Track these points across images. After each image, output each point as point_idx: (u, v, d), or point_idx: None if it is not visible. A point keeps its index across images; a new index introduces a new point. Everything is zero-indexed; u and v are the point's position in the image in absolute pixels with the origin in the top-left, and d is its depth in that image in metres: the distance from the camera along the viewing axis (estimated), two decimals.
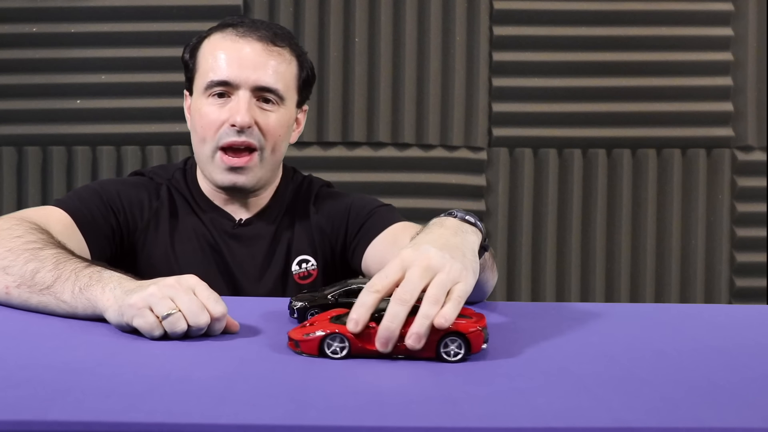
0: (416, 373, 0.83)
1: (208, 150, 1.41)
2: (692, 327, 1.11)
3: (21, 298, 1.07)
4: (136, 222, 1.43)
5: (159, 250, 1.42)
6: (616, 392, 0.78)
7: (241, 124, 1.37)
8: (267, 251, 1.46)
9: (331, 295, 1.05)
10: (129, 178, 1.52)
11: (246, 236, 1.46)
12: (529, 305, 1.45)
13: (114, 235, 1.40)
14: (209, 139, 1.40)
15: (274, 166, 1.47)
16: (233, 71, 1.38)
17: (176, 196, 1.47)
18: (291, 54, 1.45)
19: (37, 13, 2.39)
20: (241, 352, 0.90)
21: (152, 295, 0.93)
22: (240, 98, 1.38)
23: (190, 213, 1.46)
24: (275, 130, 1.41)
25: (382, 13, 2.43)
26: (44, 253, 1.09)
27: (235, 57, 1.39)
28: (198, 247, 1.44)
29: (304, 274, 1.45)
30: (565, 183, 2.48)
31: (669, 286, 2.50)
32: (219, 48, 1.41)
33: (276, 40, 1.42)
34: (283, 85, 1.42)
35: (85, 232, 1.34)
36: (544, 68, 2.45)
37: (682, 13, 2.46)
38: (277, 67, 1.41)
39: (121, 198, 1.42)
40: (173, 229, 1.44)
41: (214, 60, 1.40)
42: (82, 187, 1.46)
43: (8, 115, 2.40)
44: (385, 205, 1.51)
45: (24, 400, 0.70)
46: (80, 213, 1.35)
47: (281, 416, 0.68)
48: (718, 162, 2.49)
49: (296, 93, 1.46)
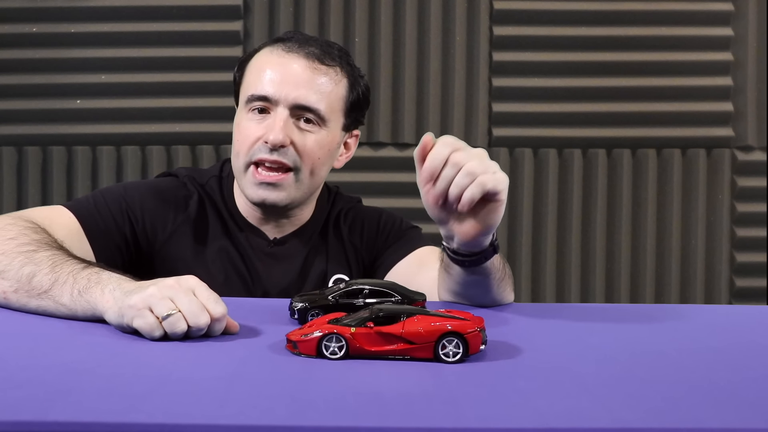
0: (415, 373, 0.83)
1: (241, 164, 1.36)
2: (692, 327, 1.11)
3: (19, 303, 1.06)
4: (157, 233, 1.37)
5: (181, 264, 1.36)
6: (616, 392, 0.78)
7: (273, 142, 1.32)
8: (301, 270, 1.42)
9: (332, 296, 1.05)
10: (160, 181, 1.46)
11: (281, 255, 1.41)
12: (528, 306, 1.45)
13: (128, 246, 1.35)
14: (243, 154, 1.35)
15: (312, 189, 1.41)
16: (273, 87, 1.33)
17: (208, 208, 1.42)
18: (341, 73, 1.38)
19: (37, 13, 2.39)
20: (241, 353, 0.90)
21: (152, 296, 0.93)
22: (277, 115, 1.33)
23: (219, 229, 1.40)
24: (312, 151, 1.35)
25: (382, 13, 2.43)
26: (39, 256, 1.07)
27: (278, 73, 1.34)
28: (221, 267, 1.38)
29: None
30: (565, 183, 2.48)
31: (669, 286, 2.49)
32: (265, 63, 1.36)
33: (325, 58, 1.36)
34: (327, 105, 1.35)
35: (92, 240, 1.29)
36: (544, 68, 2.45)
37: (682, 13, 2.46)
38: (321, 86, 1.35)
39: (143, 207, 1.37)
40: (198, 244, 1.39)
41: (258, 74, 1.36)
42: (105, 188, 1.41)
43: (8, 115, 2.40)
44: (414, 227, 1.50)
45: (24, 400, 0.70)
46: (90, 219, 1.31)
47: (281, 417, 0.68)
48: (718, 162, 2.49)
49: (342, 115, 1.40)
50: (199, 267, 1.36)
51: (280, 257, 1.42)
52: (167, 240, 1.38)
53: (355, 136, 1.48)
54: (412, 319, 0.87)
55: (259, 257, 1.41)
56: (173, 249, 1.38)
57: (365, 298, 1.04)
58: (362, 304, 1.02)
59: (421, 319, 0.88)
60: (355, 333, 0.87)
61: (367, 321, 0.87)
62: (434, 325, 0.87)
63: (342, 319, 0.90)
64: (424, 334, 0.87)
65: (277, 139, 1.32)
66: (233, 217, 1.42)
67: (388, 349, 0.87)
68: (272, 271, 1.41)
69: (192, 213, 1.40)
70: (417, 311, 0.89)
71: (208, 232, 1.40)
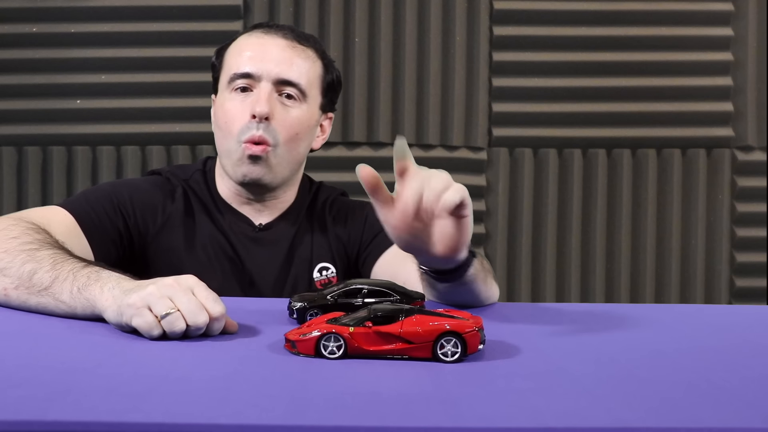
0: (414, 373, 0.83)
1: (230, 144, 1.41)
2: (692, 327, 1.11)
3: (19, 300, 1.07)
4: (148, 226, 1.41)
5: (173, 254, 1.41)
6: (615, 392, 0.78)
7: (260, 113, 1.37)
8: (287, 256, 1.45)
9: (331, 295, 1.05)
10: (145, 179, 1.50)
11: (267, 240, 1.45)
12: (527, 305, 1.45)
13: (122, 240, 1.39)
14: (232, 134, 1.40)
15: (293, 165, 1.45)
16: (256, 64, 1.40)
17: (193, 200, 1.46)
18: (316, 55, 1.46)
19: (37, 13, 2.39)
20: (240, 352, 0.90)
21: (151, 295, 0.93)
22: (261, 90, 1.39)
23: (206, 218, 1.44)
24: (292, 126, 1.41)
25: (382, 13, 2.43)
26: (41, 254, 1.08)
27: (259, 51, 1.41)
28: (212, 254, 1.42)
29: (325, 282, 1.45)
30: (565, 183, 2.48)
31: (669, 286, 2.49)
32: (244, 45, 1.44)
33: (301, 40, 1.44)
34: (306, 81, 1.42)
35: (89, 236, 1.32)
36: (544, 68, 2.45)
37: (682, 13, 2.46)
38: (301, 64, 1.42)
39: (133, 201, 1.41)
40: (187, 234, 1.42)
41: (238, 56, 1.42)
42: (94, 188, 1.45)
43: (8, 115, 2.40)
44: None
45: (24, 400, 0.70)
46: (86, 215, 1.34)
47: (281, 416, 0.68)
48: (718, 162, 2.49)
49: (320, 94, 1.47)
50: (190, 255, 1.41)
51: (266, 242, 1.45)
52: (158, 231, 1.42)
53: (329, 119, 1.53)
54: (410, 319, 0.87)
55: (246, 242, 1.44)
56: (165, 239, 1.41)
57: (364, 298, 1.04)
58: (361, 304, 1.02)
59: (420, 318, 0.88)
60: (353, 332, 0.87)
61: (365, 320, 0.87)
62: (432, 324, 0.87)
63: (340, 319, 0.90)
64: (422, 333, 0.87)
65: (263, 111, 1.37)
66: (217, 205, 1.46)
67: (387, 349, 0.87)
68: (259, 255, 1.44)
69: (179, 204, 1.44)
70: (415, 311, 0.89)
71: (195, 221, 1.44)
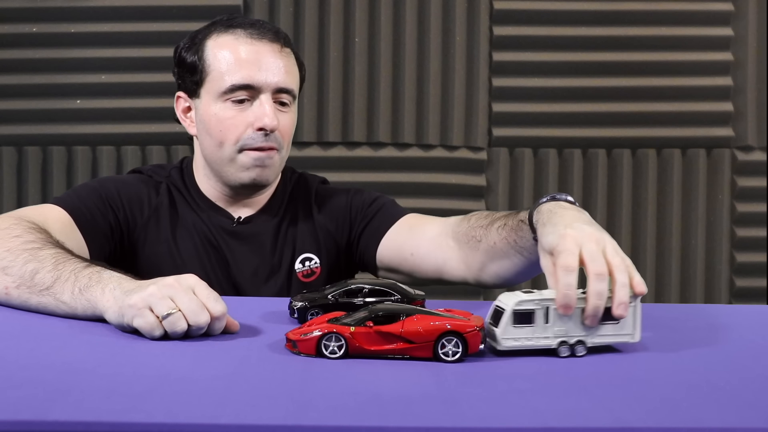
0: (414, 372, 0.83)
1: (227, 152, 1.40)
2: (692, 327, 1.11)
3: (21, 299, 1.07)
4: (136, 218, 1.42)
5: (161, 245, 1.42)
6: (615, 392, 0.78)
7: (272, 127, 1.37)
8: (268, 249, 1.45)
9: (332, 295, 1.05)
10: (128, 176, 1.52)
11: (245, 234, 1.45)
12: None
13: (113, 233, 1.40)
14: (230, 143, 1.39)
15: (283, 166, 1.48)
16: (255, 74, 1.38)
17: (175, 193, 1.47)
18: (292, 54, 1.46)
19: (37, 13, 2.39)
20: (241, 352, 0.90)
21: (152, 295, 0.94)
22: (263, 102, 1.38)
23: (189, 209, 1.46)
24: (290, 130, 1.45)
25: (382, 13, 2.43)
26: (43, 253, 1.09)
27: (254, 60, 1.39)
28: (199, 243, 1.43)
29: (307, 272, 1.45)
30: (565, 183, 2.48)
31: (669, 286, 2.49)
32: (235, 51, 1.40)
33: (283, 42, 1.43)
34: (295, 85, 1.45)
35: (83, 231, 1.33)
36: (544, 68, 2.45)
37: (682, 13, 2.46)
38: (292, 70, 1.43)
39: (120, 195, 1.42)
40: (174, 225, 1.44)
41: (232, 63, 1.39)
42: (81, 186, 1.46)
43: (8, 115, 2.40)
44: (385, 197, 1.53)
45: (24, 400, 0.70)
46: (79, 211, 1.35)
47: (281, 416, 0.68)
48: (718, 162, 2.49)
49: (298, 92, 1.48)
50: (178, 246, 1.42)
51: (244, 235, 1.45)
52: (146, 224, 1.43)
53: None
54: (411, 319, 0.88)
55: (224, 236, 1.44)
56: (153, 231, 1.43)
57: (365, 298, 1.04)
58: (362, 304, 1.02)
59: (421, 318, 0.88)
60: (354, 332, 0.87)
61: (366, 320, 0.87)
62: (433, 324, 0.87)
63: (341, 319, 0.90)
64: (423, 333, 0.87)
65: (273, 124, 1.38)
66: (196, 200, 1.47)
67: (388, 349, 0.87)
68: (237, 249, 1.44)
69: (163, 198, 1.45)
70: (416, 310, 0.89)
71: (179, 213, 1.45)
